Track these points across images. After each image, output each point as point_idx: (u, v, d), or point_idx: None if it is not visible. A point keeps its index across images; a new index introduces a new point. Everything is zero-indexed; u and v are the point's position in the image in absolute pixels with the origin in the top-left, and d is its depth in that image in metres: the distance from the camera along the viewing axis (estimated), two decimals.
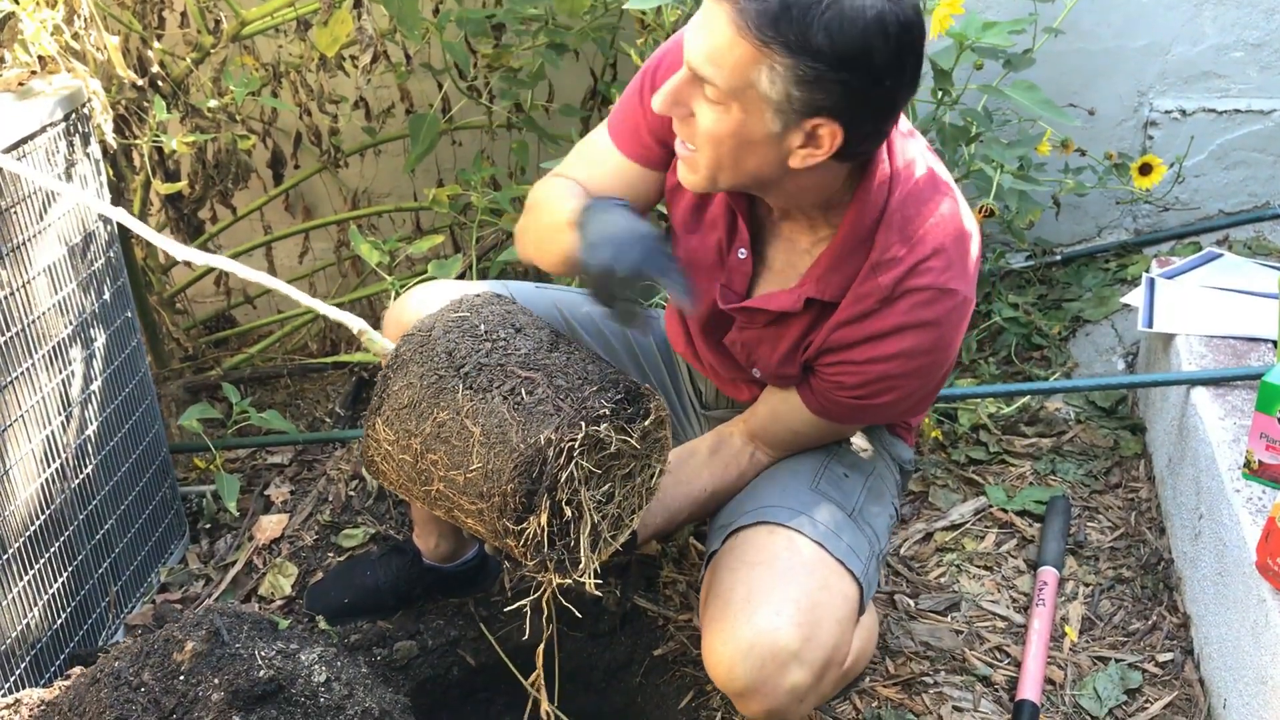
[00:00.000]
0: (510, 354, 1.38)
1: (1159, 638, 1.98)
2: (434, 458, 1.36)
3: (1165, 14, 2.74)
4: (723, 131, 1.35)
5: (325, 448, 2.55)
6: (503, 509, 1.32)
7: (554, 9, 2.39)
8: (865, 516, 1.66)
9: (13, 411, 1.79)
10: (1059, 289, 2.85)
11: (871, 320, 1.47)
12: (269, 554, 2.26)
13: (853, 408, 1.57)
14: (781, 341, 1.58)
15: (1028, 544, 2.19)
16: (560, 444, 1.30)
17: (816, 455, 1.70)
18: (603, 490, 1.38)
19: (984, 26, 2.28)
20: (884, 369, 1.49)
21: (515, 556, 1.37)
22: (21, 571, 1.82)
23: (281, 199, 3.00)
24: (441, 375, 1.38)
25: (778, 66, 1.28)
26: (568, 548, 1.36)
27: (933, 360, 1.50)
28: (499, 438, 1.33)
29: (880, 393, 1.52)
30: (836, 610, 1.52)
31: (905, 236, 1.45)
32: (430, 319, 1.45)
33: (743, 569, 1.53)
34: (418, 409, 1.38)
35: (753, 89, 1.30)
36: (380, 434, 1.41)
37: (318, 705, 1.65)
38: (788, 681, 1.45)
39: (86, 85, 1.97)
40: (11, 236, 1.78)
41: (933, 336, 1.47)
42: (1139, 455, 2.38)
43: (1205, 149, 2.83)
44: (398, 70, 2.67)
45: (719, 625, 1.48)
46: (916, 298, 1.45)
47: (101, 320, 2.03)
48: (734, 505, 1.67)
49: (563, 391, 1.34)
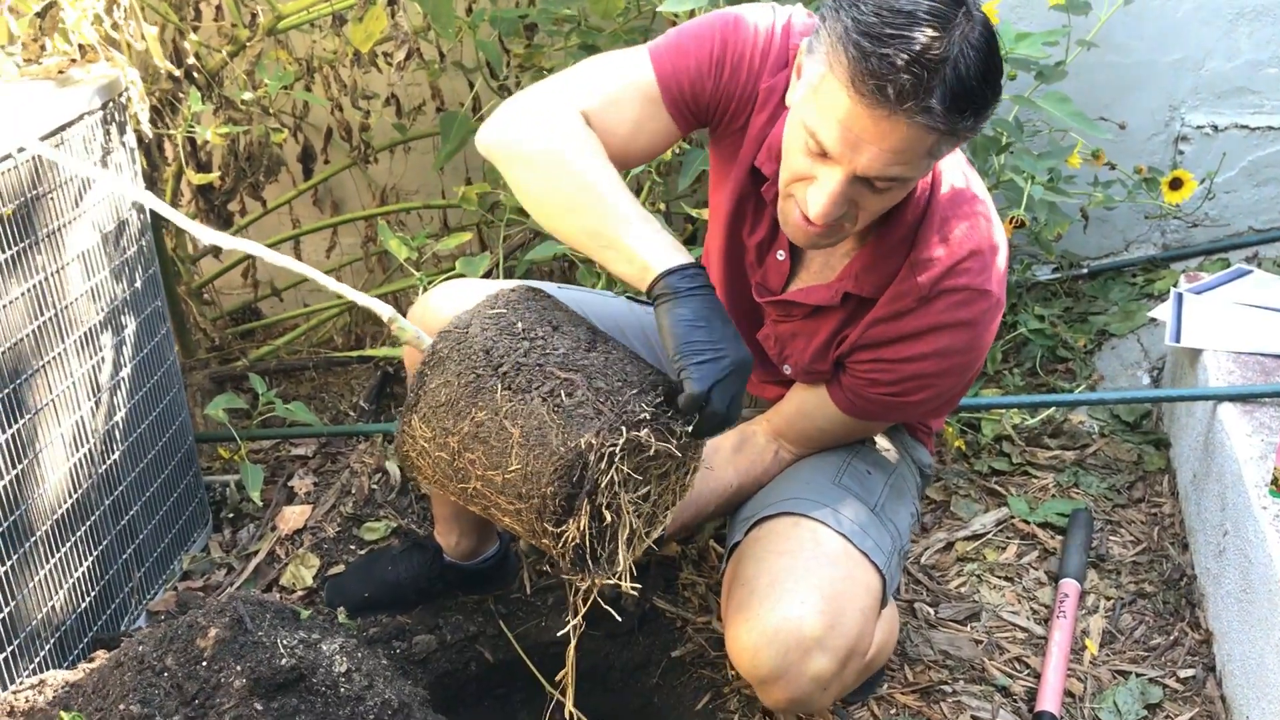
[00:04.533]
0: (549, 353, 1.37)
1: (1180, 653, 1.96)
2: (472, 457, 1.36)
3: (1200, 29, 2.73)
4: (900, 199, 1.39)
5: (349, 441, 2.56)
6: (541, 511, 1.31)
7: (588, 10, 2.40)
8: (887, 512, 1.66)
9: (43, 395, 1.81)
10: (1085, 302, 2.84)
11: (908, 319, 1.48)
12: (291, 545, 2.27)
13: (884, 405, 1.58)
14: (816, 336, 1.58)
15: (1049, 556, 2.18)
16: (601, 449, 1.30)
17: (839, 452, 1.71)
18: (640, 492, 1.38)
19: (1017, 37, 2.28)
20: (918, 368, 1.49)
21: (553, 557, 1.37)
22: (48, 555, 1.84)
23: (310, 193, 3.01)
24: (480, 374, 1.37)
25: (959, 137, 1.32)
26: (606, 550, 1.35)
27: (965, 360, 1.50)
28: (538, 440, 1.32)
29: (912, 391, 1.52)
30: (860, 600, 1.52)
31: (944, 238, 1.46)
32: (467, 315, 1.45)
33: (768, 558, 1.54)
34: (455, 408, 1.37)
35: (933, 160, 1.35)
36: (417, 430, 1.41)
37: (338, 695, 1.66)
38: (811, 669, 1.46)
39: (124, 75, 1.99)
40: (47, 222, 1.80)
41: (967, 336, 1.48)
42: (1163, 470, 2.37)
43: (1236, 165, 2.81)
44: (430, 68, 2.68)
45: (743, 613, 1.49)
46: (954, 298, 1.46)
47: (132, 308, 2.05)
48: (757, 498, 1.68)
49: (603, 394, 1.33)
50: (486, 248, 2.92)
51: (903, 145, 1.28)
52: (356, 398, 2.76)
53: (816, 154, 1.34)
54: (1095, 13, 2.49)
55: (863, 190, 1.35)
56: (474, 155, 2.98)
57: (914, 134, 1.27)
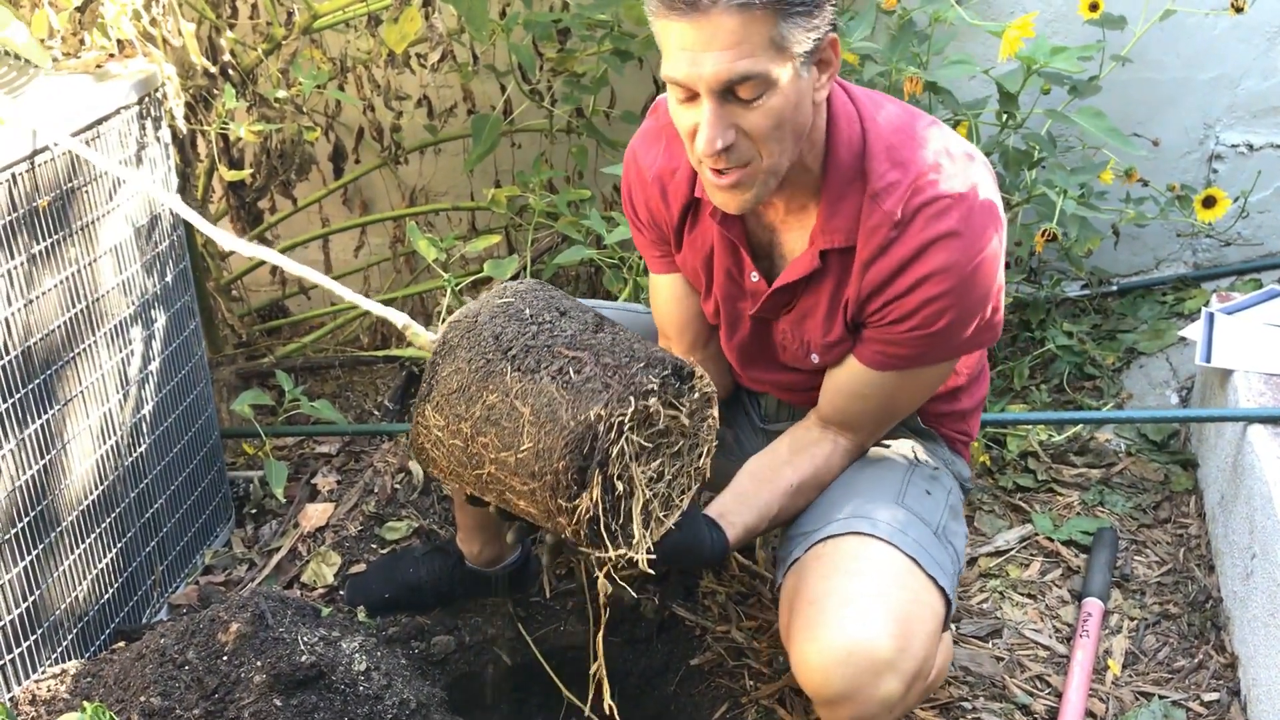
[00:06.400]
0: (556, 335, 1.39)
1: (1205, 676, 1.94)
2: (484, 440, 1.38)
3: (1237, 47, 2.71)
4: (783, 113, 1.39)
5: (373, 440, 2.57)
6: (555, 487, 1.33)
7: (621, 15, 2.40)
8: (947, 534, 1.64)
9: (73, 387, 1.82)
10: (1114, 319, 2.82)
11: (894, 249, 1.47)
12: (313, 542, 2.28)
13: (912, 345, 1.53)
14: (819, 307, 1.58)
15: (1073, 574, 2.16)
16: (610, 419, 1.31)
17: (897, 471, 1.68)
18: (653, 467, 1.38)
19: (1052, 51, 2.27)
20: (925, 292, 1.47)
21: (568, 536, 1.38)
22: (73, 545, 1.85)
23: (340, 193, 3.03)
24: (489, 359, 1.39)
25: (792, 14, 1.32)
26: (621, 524, 1.36)
27: (971, 271, 1.47)
28: (549, 416, 1.34)
29: (933, 319, 1.49)
30: (927, 624, 1.51)
31: (896, 162, 1.47)
32: (475, 305, 1.48)
33: (836, 576, 1.51)
34: (466, 393, 1.39)
35: (782, 52, 1.35)
36: (430, 420, 1.43)
37: (356, 693, 1.66)
38: (881, 691, 1.44)
39: (161, 70, 2.01)
40: (81, 215, 1.81)
41: (960, 246, 1.45)
42: (1190, 491, 2.34)
43: (1271, 185, 2.79)
44: (463, 70, 2.69)
45: (813, 631, 1.47)
46: (928, 212, 1.45)
47: (162, 302, 2.06)
48: (817, 513, 1.64)
49: (610, 369, 1.35)
50: (514, 250, 2.93)
51: (733, 38, 1.32)
52: (381, 397, 2.77)
53: (687, 99, 1.39)
54: (1131, 28, 2.47)
55: (737, 110, 1.37)
56: (503, 158, 2.99)
57: (735, 22, 1.31)
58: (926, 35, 2.38)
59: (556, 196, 2.55)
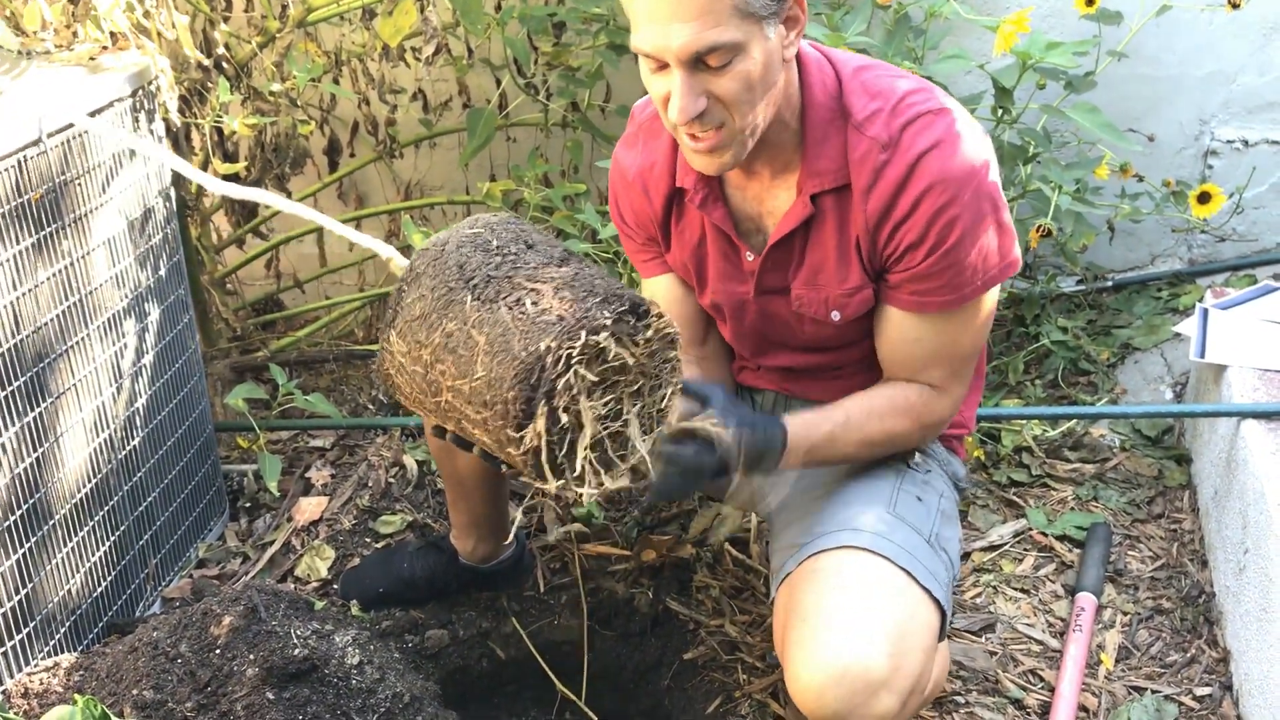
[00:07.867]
0: (519, 267, 1.40)
1: (1197, 671, 1.95)
2: (442, 368, 1.39)
3: (1232, 43, 2.71)
4: (753, 76, 1.41)
5: (366, 433, 2.57)
6: (505, 416, 1.33)
7: (616, 9, 2.39)
8: (940, 541, 1.62)
9: (66, 380, 1.82)
10: (1109, 315, 2.83)
11: (887, 171, 1.48)
12: (307, 535, 2.28)
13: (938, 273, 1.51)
14: (828, 257, 1.58)
15: (1066, 569, 2.16)
16: (559, 351, 1.31)
17: (888, 478, 1.67)
18: (605, 403, 1.38)
19: (1048, 46, 2.27)
20: (929, 206, 1.47)
21: (517, 467, 1.38)
22: (66, 538, 1.85)
23: (335, 186, 3.02)
24: (451, 287, 1.40)
25: None
26: (566, 456, 1.36)
27: (968, 174, 1.48)
28: (502, 346, 1.34)
29: (945, 234, 1.48)
30: (922, 639, 1.50)
31: (874, 93, 1.51)
32: (445, 235, 1.48)
33: (830, 593, 1.50)
34: (428, 320, 1.40)
35: (749, 17, 1.37)
36: (394, 346, 1.44)
37: (349, 687, 1.66)
38: (877, 709, 1.43)
39: (154, 63, 2.00)
40: (74, 207, 1.81)
41: (949, 154, 1.47)
42: (1183, 486, 2.35)
43: (1266, 181, 2.79)
44: (458, 64, 2.69)
45: (806, 650, 1.46)
46: (913, 128, 1.48)
47: (156, 295, 2.06)
48: (807, 524, 1.63)
49: (567, 302, 1.36)
50: None
51: (700, 8, 1.34)
52: (375, 391, 2.77)
53: (658, 70, 1.42)
54: (1126, 24, 2.47)
55: (707, 77, 1.40)
56: (499, 152, 2.99)
57: None
58: (922, 30, 2.38)
59: (551, 191, 2.55)
